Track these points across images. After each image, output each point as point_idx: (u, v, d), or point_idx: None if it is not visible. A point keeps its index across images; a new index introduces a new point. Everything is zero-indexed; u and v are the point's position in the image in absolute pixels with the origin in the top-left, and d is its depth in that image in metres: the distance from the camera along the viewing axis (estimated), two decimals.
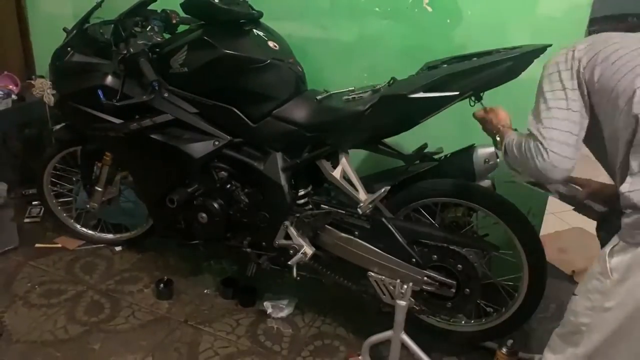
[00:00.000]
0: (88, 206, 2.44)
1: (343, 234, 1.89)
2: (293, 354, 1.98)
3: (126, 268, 2.43)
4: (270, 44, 1.95)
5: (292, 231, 1.93)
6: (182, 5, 1.92)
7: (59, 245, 2.56)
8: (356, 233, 1.87)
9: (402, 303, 1.74)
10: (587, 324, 1.18)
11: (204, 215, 2.03)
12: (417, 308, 1.84)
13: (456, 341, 2.00)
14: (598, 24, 1.84)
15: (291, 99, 1.92)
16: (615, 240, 1.14)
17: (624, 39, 1.23)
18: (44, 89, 2.65)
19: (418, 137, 1.88)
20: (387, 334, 1.80)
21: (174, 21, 2.14)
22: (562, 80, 1.26)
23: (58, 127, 2.43)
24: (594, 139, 1.26)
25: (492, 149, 1.78)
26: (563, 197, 1.64)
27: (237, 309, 2.19)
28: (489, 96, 1.67)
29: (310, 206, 1.95)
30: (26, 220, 2.73)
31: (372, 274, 1.85)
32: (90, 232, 2.59)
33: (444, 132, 1.96)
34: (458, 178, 1.80)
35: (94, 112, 2.05)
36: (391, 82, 1.79)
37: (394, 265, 1.81)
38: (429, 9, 2.02)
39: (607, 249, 1.15)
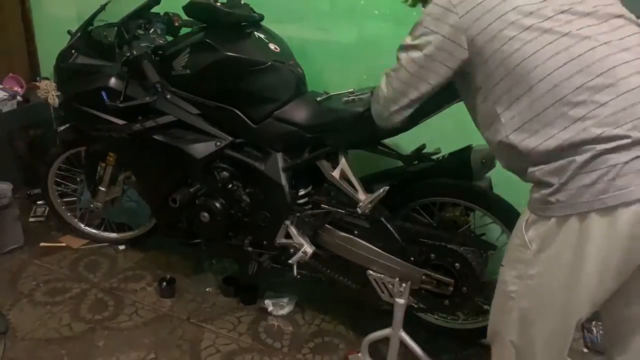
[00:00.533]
0: (92, 206, 2.44)
1: (343, 233, 1.89)
2: (293, 351, 1.98)
3: (129, 266, 2.44)
4: (271, 46, 1.95)
5: (293, 230, 1.93)
6: (184, 8, 1.92)
7: (64, 244, 2.56)
8: (356, 232, 1.87)
9: (401, 301, 1.74)
10: (515, 291, 1.22)
11: (206, 214, 2.03)
12: (415, 306, 1.84)
13: (454, 338, 2.00)
14: None
15: (292, 100, 1.92)
16: (527, 212, 1.18)
17: None
18: (49, 91, 2.66)
19: (416, 138, 1.88)
20: (385, 331, 1.80)
21: (177, 24, 2.15)
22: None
23: (62, 128, 2.43)
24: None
25: (489, 150, 1.79)
26: None
27: (238, 306, 2.19)
28: None
29: (311, 206, 1.95)
30: (31, 219, 2.73)
31: (372, 272, 1.85)
32: (94, 231, 2.60)
33: (441, 133, 1.95)
34: (456, 178, 1.80)
35: (97, 114, 2.05)
36: None
37: (392, 264, 1.81)
38: None
39: (522, 221, 1.19)
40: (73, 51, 2.13)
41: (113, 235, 2.59)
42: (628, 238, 1.05)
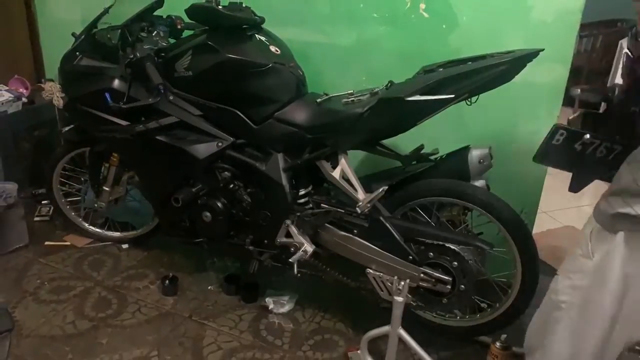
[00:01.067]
0: (96, 205, 2.44)
1: (342, 233, 1.89)
2: (294, 348, 1.99)
3: (132, 265, 2.44)
4: (272, 48, 1.95)
5: (293, 229, 1.94)
6: (186, 11, 1.93)
7: (68, 243, 2.57)
8: (355, 231, 1.87)
9: (399, 299, 1.75)
10: (566, 301, 1.20)
11: (207, 214, 2.03)
12: (414, 304, 1.85)
13: (452, 336, 2.00)
14: (589, 29, 1.85)
15: (292, 101, 1.92)
16: (593, 222, 1.15)
17: None
18: (54, 92, 2.67)
19: (415, 139, 1.88)
20: (384, 328, 1.80)
21: (179, 26, 2.15)
22: None
23: (67, 128, 2.44)
24: None
25: (486, 150, 1.79)
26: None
27: (239, 304, 2.20)
28: (483, 98, 1.68)
29: (311, 205, 1.96)
30: (36, 219, 2.73)
31: (371, 270, 1.85)
32: (98, 230, 2.60)
33: (440, 133, 1.96)
34: (453, 178, 1.80)
35: (101, 115, 2.06)
36: (389, 85, 1.79)
37: (391, 262, 1.82)
38: (426, 14, 2.03)
39: (588, 230, 1.16)
40: (77, 53, 2.13)
41: (116, 234, 2.59)
42: None
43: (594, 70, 3.96)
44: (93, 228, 2.60)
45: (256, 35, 1.96)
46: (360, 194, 1.81)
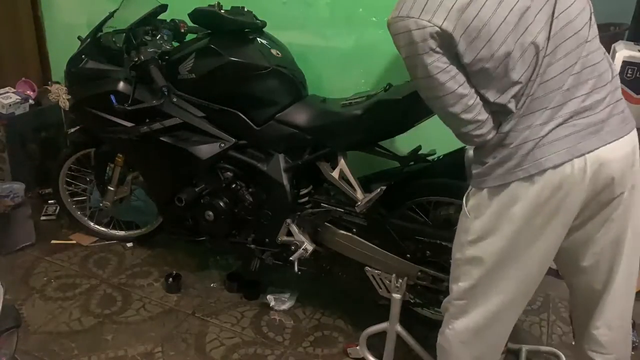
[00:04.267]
0: (101, 205, 2.44)
1: (342, 231, 1.89)
2: (294, 344, 1.98)
3: (137, 263, 2.44)
4: (273, 51, 1.95)
5: (294, 228, 1.94)
6: (190, 15, 1.93)
7: (74, 242, 2.56)
8: (354, 230, 1.87)
9: (397, 296, 1.75)
10: (458, 258, 1.31)
11: (210, 213, 2.03)
12: (411, 301, 1.84)
13: None
14: None
15: (293, 103, 1.92)
16: (470, 187, 1.29)
17: None
18: (60, 94, 2.66)
19: (412, 140, 1.88)
20: (383, 325, 1.80)
21: (183, 30, 2.15)
22: None
23: (73, 130, 2.44)
24: None
25: None
26: None
27: (241, 302, 2.20)
28: None
29: (311, 205, 1.96)
30: (42, 218, 2.73)
31: (369, 268, 1.85)
32: (103, 229, 2.59)
33: (437, 134, 1.95)
34: (450, 178, 1.80)
35: (107, 116, 2.05)
36: (387, 87, 1.80)
37: (389, 260, 1.82)
38: None
39: (465, 196, 1.29)
40: (83, 56, 2.13)
41: (121, 233, 2.59)
42: (549, 198, 1.15)
43: None
44: (98, 227, 2.59)
45: (258, 39, 1.96)
46: (359, 194, 1.81)
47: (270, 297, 2.16)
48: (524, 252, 1.22)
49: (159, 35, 2.06)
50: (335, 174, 1.84)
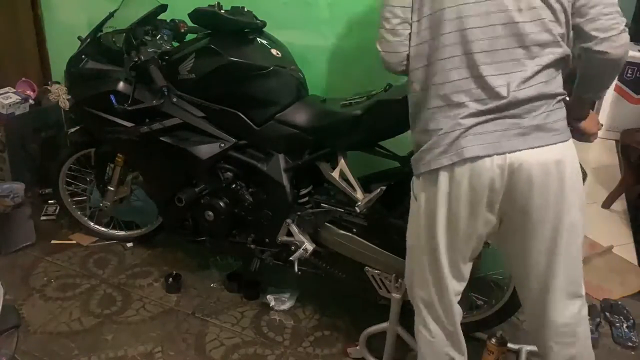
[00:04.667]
0: (101, 205, 2.44)
1: (342, 231, 1.89)
2: (294, 344, 1.98)
3: (137, 263, 2.43)
4: (273, 51, 1.95)
5: (294, 228, 1.93)
6: (190, 15, 1.92)
7: (74, 242, 2.56)
8: (354, 230, 1.87)
9: (397, 296, 1.75)
10: (408, 239, 1.46)
11: (210, 213, 2.03)
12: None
13: None
14: None
15: (293, 103, 1.92)
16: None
17: None
18: (60, 94, 2.65)
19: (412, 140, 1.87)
20: (383, 325, 1.80)
21: (182, 30, 2.15)
22: None
23: (73, 130, 2.43)
24: None
25: None
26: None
27: (241, 302, 2.19)
28: None
29: (311, 205, 1.95)
30: (43, 218, 2.72)
31: (369, 268, 1.85)
32: (103, 229, 2.59)
33: None
34: None
35: (106, 116, 2.05)
36: (387, 87, 1.79)
37: (389, 260, 1.81)
38: None
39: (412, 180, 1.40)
40: (83, 56, 2.13)
41: (121, 233, 2.58)
42: (468, 188, 1.25)
43: None
44: (98, 227, 2.59)
45: (257, 39, 1.96)
46: (359, 194, 1.80)
47: (270, 297, 2.16)
48: (451, 240, 1.33)
49: (159, 35, 2.06)
50: (335, 174, 1.84)
